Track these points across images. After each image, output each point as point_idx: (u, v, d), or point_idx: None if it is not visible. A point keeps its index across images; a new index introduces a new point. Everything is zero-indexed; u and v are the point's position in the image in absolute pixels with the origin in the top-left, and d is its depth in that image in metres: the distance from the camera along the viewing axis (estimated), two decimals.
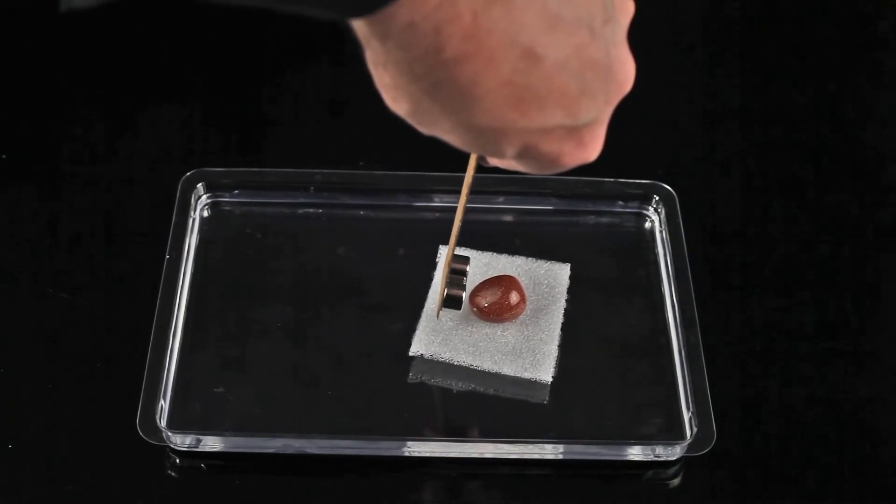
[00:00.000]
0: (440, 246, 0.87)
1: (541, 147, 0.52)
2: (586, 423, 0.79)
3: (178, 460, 0.77)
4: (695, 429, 0.78)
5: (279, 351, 0.82)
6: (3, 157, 0.94)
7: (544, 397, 0.80)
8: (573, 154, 0.54)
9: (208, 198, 0.90)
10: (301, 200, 0.90)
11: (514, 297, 0.82)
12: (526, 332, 0.83)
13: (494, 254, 0.87)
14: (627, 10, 0.54)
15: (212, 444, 0.77)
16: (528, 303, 0.84)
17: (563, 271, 0.86)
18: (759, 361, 0.84)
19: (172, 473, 0.77)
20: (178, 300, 0.83)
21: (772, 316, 0.87)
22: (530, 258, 0.87)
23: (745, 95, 1.03)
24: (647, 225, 0.91)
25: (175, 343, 0.81)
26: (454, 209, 0.75)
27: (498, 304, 0.82)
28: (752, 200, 0.94)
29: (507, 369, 0.81)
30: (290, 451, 0.77)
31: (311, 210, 0.90)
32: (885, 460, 0.80)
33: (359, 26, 0.47)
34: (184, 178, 0.90)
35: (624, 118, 1.00)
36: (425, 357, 0.81)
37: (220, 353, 0.82)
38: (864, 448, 0.81)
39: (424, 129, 0.52)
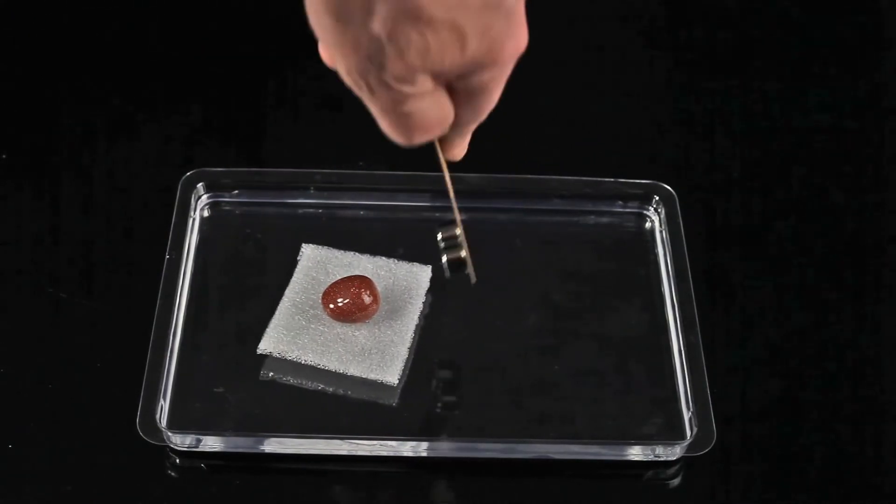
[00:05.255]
0: (303, 244, 0.87)
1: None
2: (586, 423, 0.79)
3: (178, 460, 0.77)
4: (695, 429, 0.78)
5: None
6: (3, 157, 0.94)
7: (393, 399, 0.80)
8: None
9: (208, 198, 0.90)
10: (301, 200, 0.90)
11: (366, 298, 0.81)
12: (377, 333, 0.82)
13: (356, 254, 0.86)
14: None
15: (212, 444, 0.77)
16: (384, 304, 0.83)
17: (423, 273, 0.85)
18: (759, 361, 0.84)
19: (172, 473, 0.77)
20: (178, 300, 0.83)
21: (771, 316, 0.87)
22: (392, 259, 0.86)
23: (745, 95, 1.03)
24: (647, 225, 0.91)
25: (175, 343, 0.81)
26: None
27: (349, 304, 0.81)
28: (751, 200, 0.94)
29: (354, 370, 0.80)
30: (290, 451, 0.77)
31: (311, 210, 0.90)
32: (884, 461, 0.80)
33: None
34: (184, 178, 0.90)
35: (625, 119, 1.01)
36: (274, 355, 0.81)
37: (220, 353, 0.82)
38: (864, 448, 0.81)
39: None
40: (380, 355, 0.81)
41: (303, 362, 0.80)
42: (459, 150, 0.65)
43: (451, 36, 0.52)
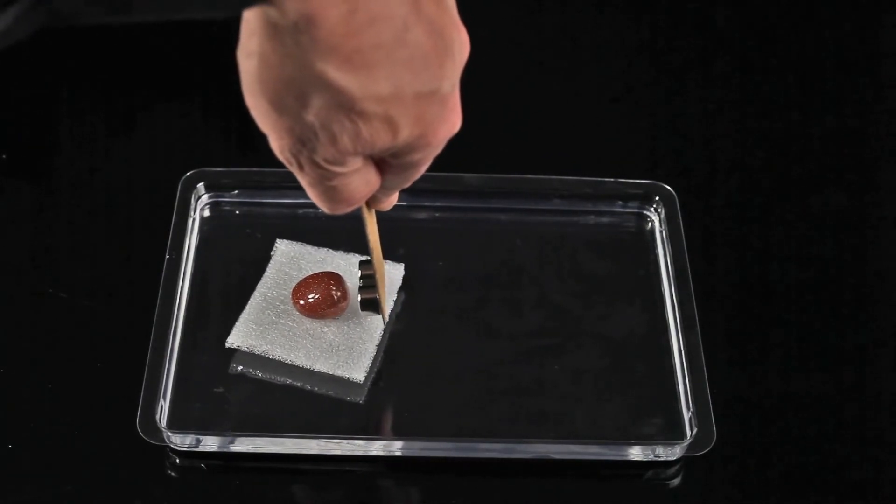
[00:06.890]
0: (277, 239, 0.87)
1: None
2: (586, 423, 0.79)
3: (178, 460, 0.77)
4: (695, 429, 0.78)
5: None
6: (3, 157, 0.94)
7: (360, 396, 0.80)
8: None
9: (208, 198, 0.90)
10: (301, 200, 0.90)
11: (335, 294, 0.81)
12: (346, 330, 0.82)
13: (329, 250, 0.86)
14: None
15: (212, 444, 0.77)
16: (355, 300, 0.82)
17: (396, 271, 0.85)
18: (759, 362, 0.84)
19: (172, 473, 0.77)
20: (178, 300, 0.83)
21: (772, 316, 0.87)
22: (365, 256, 0.85)
23: (745, 96, 1.03)
24: (647, 225, 0.91)
25: (175, 343, 0.81)
26: (452, 208, 0.75)
27: (319, 300, 0.81)
28: (751, 200, 0.94)
29: (321, 366, 0.80)
30: (289, 451, 0.77)
31: (311, 210, 0.90)
32: (884, 461, 0.80)
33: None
34: (184, 178, 0.90)
35: (625, 119, 1.01)
36: (243, 349, 0.81)
37: (220, 353, 0.82)
38: (864, 448, 0.81)
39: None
40: (347, 352, 0.81)
41: (270, 357, 0.80)
42: (387, 204, 0.65)
43: (384, 125, 0.52)
